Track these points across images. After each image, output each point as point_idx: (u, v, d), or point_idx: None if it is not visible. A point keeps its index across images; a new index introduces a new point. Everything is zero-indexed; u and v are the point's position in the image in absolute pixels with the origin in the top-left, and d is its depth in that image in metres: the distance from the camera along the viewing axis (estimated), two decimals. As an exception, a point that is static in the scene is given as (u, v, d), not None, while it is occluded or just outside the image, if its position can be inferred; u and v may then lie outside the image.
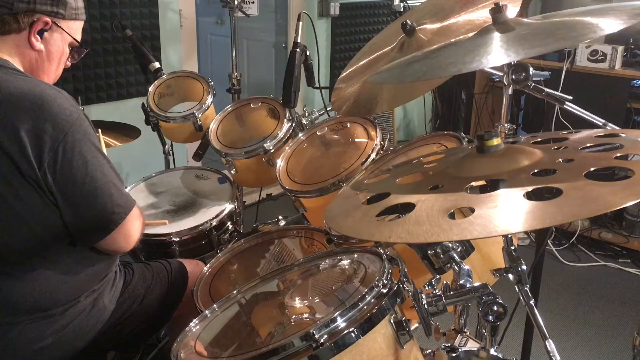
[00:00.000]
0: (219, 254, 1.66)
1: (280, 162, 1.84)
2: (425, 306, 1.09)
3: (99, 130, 1.99)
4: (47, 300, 1.31)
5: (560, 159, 0.95)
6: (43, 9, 1.30)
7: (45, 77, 1.39)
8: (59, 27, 1.35)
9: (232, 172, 2.06)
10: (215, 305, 1.27)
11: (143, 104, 2.35)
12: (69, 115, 1.23)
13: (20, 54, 1.33)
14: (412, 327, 1.05)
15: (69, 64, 1.45)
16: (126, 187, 2.07)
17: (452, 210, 0.87)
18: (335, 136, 1.86)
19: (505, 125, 1.55)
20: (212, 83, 2.38)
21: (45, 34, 1.33)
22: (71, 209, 1.25)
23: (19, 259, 1.27)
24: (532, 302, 1.07)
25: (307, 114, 2.11)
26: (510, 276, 1.10)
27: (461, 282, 1.15)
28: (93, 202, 1.26)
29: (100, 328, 1.42)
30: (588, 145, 1.02)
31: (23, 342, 1.30)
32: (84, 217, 1.27)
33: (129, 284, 1.53)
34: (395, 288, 1.03)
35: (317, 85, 2.12)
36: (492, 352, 1.13)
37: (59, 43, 1.37)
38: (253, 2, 3.29)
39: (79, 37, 1.42)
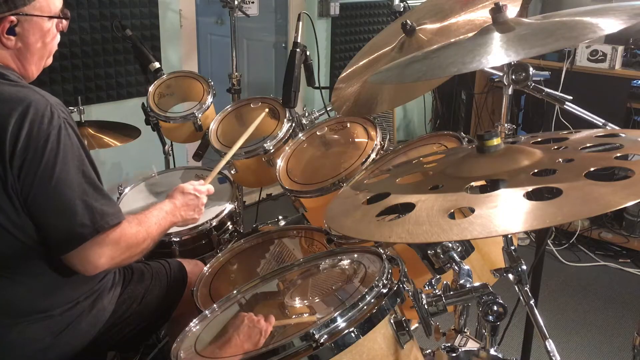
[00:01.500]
0: (219, 254, 1.66)
1: (280, 162, 1.84)
2: (425, 306, 1.09)
3: None
4: (46, 301, 1.31)
5: (560, 159, 0.95)
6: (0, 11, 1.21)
7: (34, 66, 1.32)
8: (26, 15, 1.24)
9: (232, 172, 2.06)
10: (215, 305, 1.27)
11: (143, 104, 2.35)
12: (47, 123, 1.18)
13: (1, 59, 1.27)
14: (412, 327, 1.04)
15: (63, 24, 1.34)
16: (126, 188, 2.08)
17: (452, 210, 0.87)
18: (335, 136, 1.86)
19: (505, 125, 1.55)
20: (212, 83, 2.38)
21: (16, 29, 1.24)
22: (32, 221, 1.21)
23: (14, 264, 1.26)
24: (532, 302, 1.07)
25: (307, 114, 2.11)
26: (510, 276, 1.10)
27: (461, 282, 1.15)
28: (50, 218, 1.20)
29: (100, 328, 1.41)
30: (588, 145, 1.02)
31: (22, 343, 1.29)
32: (45, 230, 1.22)
33: (128, 284, 1.53)
34: (395, 288, 1.03)
35: (317, 85, 2.12)
36: (492, 352, 1.13)
37: (34, 31, 1.27)
38: (253, 2, 3.30)
39: (54, 9, 1.30)
